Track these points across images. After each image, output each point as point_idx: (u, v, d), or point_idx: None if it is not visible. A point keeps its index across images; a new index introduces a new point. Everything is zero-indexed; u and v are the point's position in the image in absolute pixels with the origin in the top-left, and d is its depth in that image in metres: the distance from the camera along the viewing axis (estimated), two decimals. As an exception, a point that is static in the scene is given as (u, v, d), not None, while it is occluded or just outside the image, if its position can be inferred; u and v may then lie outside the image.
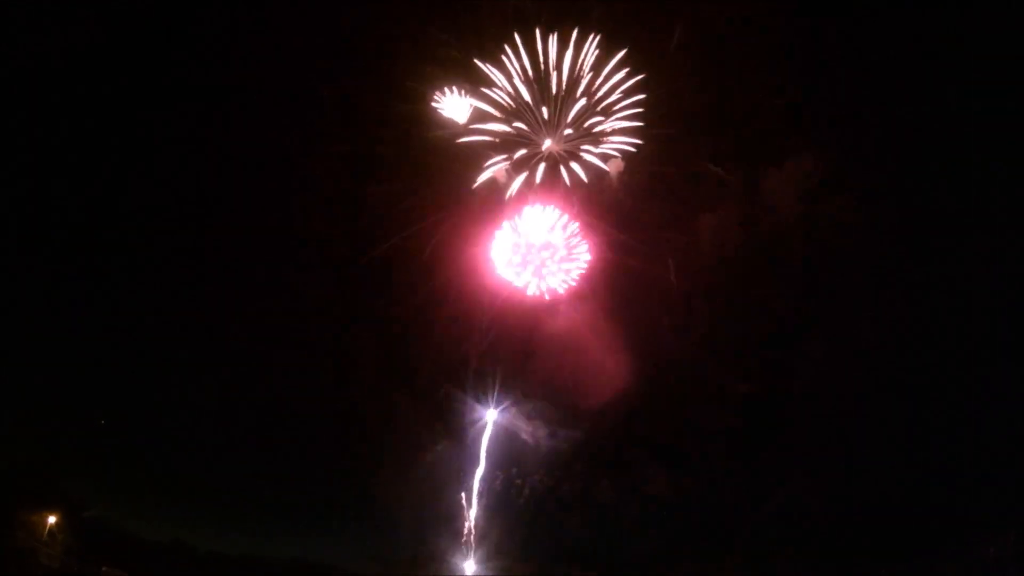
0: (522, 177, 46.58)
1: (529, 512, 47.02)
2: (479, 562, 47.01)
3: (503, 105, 45.88)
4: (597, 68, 45.19)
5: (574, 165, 46.28)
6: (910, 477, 43.92)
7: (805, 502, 44.54)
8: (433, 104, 45.79)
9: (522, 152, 46.31)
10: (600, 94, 45.55)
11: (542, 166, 46.37)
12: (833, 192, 46.47)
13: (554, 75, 45.26)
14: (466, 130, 46.05)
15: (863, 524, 44.19)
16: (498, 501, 47.25)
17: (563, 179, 46.42)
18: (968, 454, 43.02)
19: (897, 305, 46.63)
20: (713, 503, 46.33)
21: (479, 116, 46.09)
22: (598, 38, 44.89)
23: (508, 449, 47.59)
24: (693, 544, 46.30)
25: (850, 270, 47.47)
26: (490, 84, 45.64)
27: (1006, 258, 44.62)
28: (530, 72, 45.28)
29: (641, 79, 44.65)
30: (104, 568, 43.98)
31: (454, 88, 45.87)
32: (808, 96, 45.69)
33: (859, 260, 47.42)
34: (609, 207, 46.88)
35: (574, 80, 45.29)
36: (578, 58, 45.11)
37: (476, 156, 46.58)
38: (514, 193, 46.73)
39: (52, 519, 42.83)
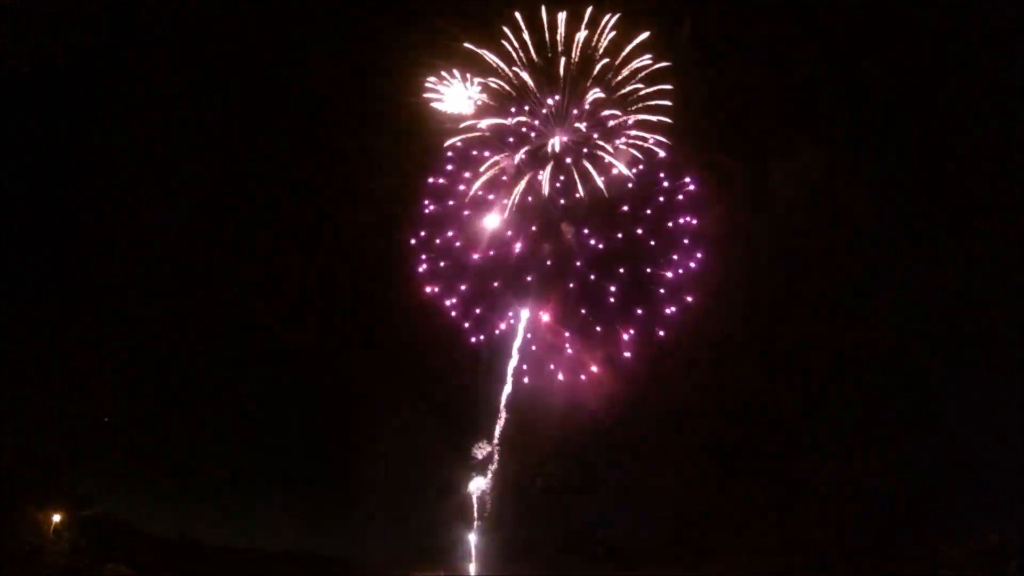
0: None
1: (542, 502, 46.39)
2: (487, 553, 47.03)
3: (506, 95, 44.09)
4: (613, 53, 42.20)
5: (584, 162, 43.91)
6: (914, 469, 44.37)
7: (812, 494, 45.03)
8: (428, 96, 44.33)
9: (526, 148, 44.27)
10: (616, 82, 42.57)
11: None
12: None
13: (563, 60, 42.84)
14: (467, 122, 44.43)
15: (868, 515, 44.63)
16: (511, 492, 46.74)
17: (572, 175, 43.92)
18: (971, 446, 43.48)
19: (902, 297, 47.00)
20: (723, 495, 46.70)
21: (480, 107, 44.59)
22: (615, 18, 41.73)
23: (521, 441, 46.40)
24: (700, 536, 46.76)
25: (856, 262, 47.80)
26: (492, 72, 43.94)
27: (1012, 251, 44.92)
28: (536, 57, 43.21)
29: (662, 67, 41.55)
30: (108, 565, 43.75)
31: (455, 73, 44.44)
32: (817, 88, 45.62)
33: (865, 252, 47.79)
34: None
35: (586, 67, 42.75)
36: (591, 41, 42.39)
37: (479, 149, 45.27)
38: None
39: (57, 517, 42.46)
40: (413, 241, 44.91)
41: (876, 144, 46.58)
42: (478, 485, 46.92)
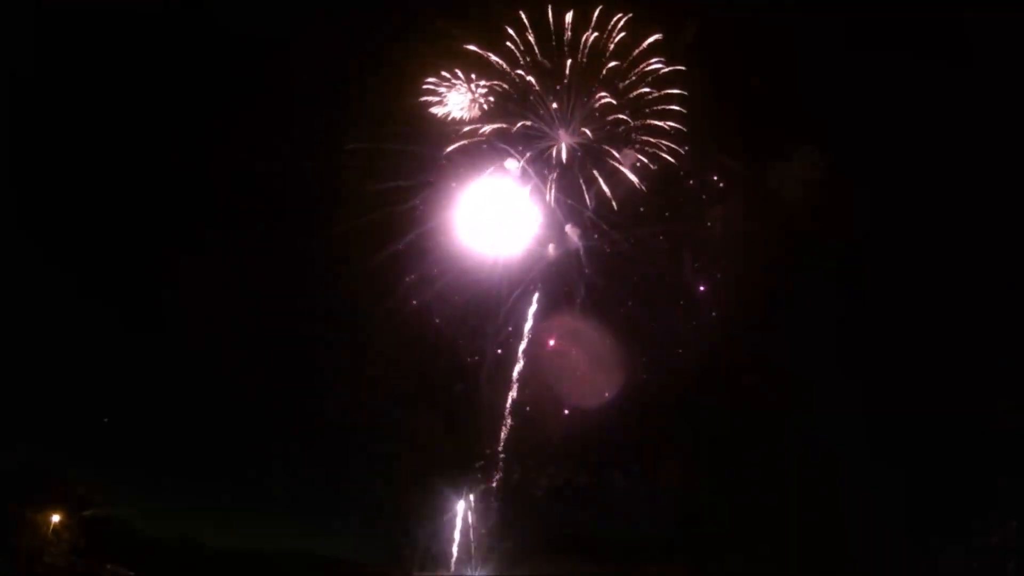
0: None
1: (545, 503, 46.41)
2: (489, 554, 47.01)
3: (510, 97, 43.81)
4: (622, 55, 41.52)
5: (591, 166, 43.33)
6: (914, 468, 44.74)
7: (812, 494, 45.26)
8: (427, 99, 43.95)
9: (530, 152, 43.73)
10: (624, 85, 42.02)
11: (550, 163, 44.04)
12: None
13: (569, 62, 42.22)
14: (469, 125, 44.02)
15: (868, 515, 44.90)
16: (513, 493, 46.71)
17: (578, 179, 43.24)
18: (972, 445, 43.79)
19: (901, 297, 47.27)
20: (723, 495, 46.88)
21: (483, 109, 44.27)
22: (625, 19, 41.09)
23: (525, 443, 46.07)
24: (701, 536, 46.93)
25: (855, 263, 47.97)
26: (496, 74, 43.57)
27: (1012, 249, 45.24)
28: (541, 59, 42.72)
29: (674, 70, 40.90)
30: (108, 566, 43.60)
31: (458, 74, 44.12)
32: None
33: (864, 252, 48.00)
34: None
35: (593, 69, 42.14)
36: (599, 43, 41.77)
37: (481, 152, 44.80)
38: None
39: (56, 518, 42.28)
40: (400, 247, 43.85)
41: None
42: (481, 487, 46.99)
